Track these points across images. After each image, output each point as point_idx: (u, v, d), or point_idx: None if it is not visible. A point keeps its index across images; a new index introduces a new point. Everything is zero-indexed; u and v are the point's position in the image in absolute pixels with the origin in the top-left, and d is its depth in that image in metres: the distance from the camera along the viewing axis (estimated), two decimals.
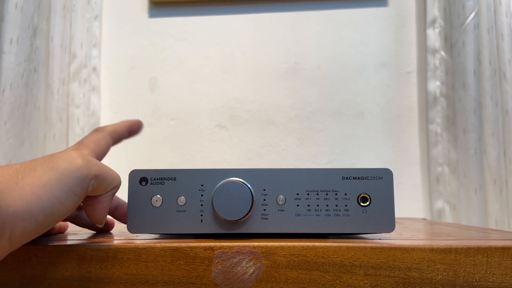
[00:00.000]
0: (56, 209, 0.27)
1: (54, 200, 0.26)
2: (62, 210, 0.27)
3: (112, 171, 0.33)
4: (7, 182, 0.25)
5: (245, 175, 0.35)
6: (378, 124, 0.93)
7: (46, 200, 0.26)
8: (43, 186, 0.26)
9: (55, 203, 0.27)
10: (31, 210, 0.26)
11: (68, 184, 0.27)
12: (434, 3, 0.89)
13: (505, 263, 0.30)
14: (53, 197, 0.26)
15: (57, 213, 0.27)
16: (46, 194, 0.26)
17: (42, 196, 0.26)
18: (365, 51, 0.95)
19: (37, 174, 0.27)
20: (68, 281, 0.31)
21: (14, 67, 0.82)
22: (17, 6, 0.82)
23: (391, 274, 0.30)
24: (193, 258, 0.31)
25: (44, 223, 0.27)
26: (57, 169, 0.27)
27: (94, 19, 0.95)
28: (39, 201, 0.26)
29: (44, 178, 0.27)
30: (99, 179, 0.30)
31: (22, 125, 0.83)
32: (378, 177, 0.35)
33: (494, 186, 0.79)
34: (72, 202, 0.28)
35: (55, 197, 0.26)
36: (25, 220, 0.25)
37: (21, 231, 0.26)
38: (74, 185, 0.27)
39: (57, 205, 0.27)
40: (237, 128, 0.95)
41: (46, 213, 0.26)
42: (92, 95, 0.94)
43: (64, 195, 0.27)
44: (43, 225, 0.27)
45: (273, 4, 0.97)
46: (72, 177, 0.27)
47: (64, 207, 0.27)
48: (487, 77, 0.81)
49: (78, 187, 0.28)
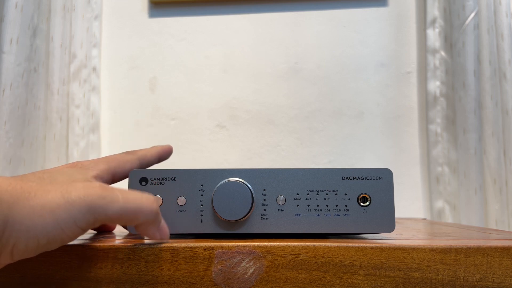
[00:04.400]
0: (59, 236, 0.27)
1: (58, 228, 0.27)
2: (65, 239, 0.28)
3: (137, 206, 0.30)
4: (18, 197, 0.26)
5: (245, 175, 0.35)
6: (378, 124, 0.93)
7: (51, 226, 0.27)
8: (50, 212, 0.27)
9: (59, 231, 0.27)
10: (35, 232, 0.26)
11: (74, 217, 0.27)
12: (434, 3, 0.89)
13: (505, 263, 0.30)
14: (58, 225, 0.27)
15: (59, 240, 0.27)
16: (52, 221, 0.26)
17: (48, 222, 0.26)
18: (365, 51, 0.95)
19: (49, 197, 0.27)
20: (68, 281, 0.31)
21: (14, 67, 0.82)
22: (17, 6, 0.82)
23: (391, 274, 0.30)
24: (193, 258, 0.31)
25: (45, 246, 0.27)
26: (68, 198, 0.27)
27: (94, 19, 0.95)
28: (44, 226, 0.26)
29: (53, 204, 0.27)
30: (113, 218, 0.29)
31: (22, 125, 0.83)
32: (378, 177, 0.35)
33: (494, 186, 0.79)
34: (76, 233, 0.28)
35: (59, 225, 0.27)
36: (28, 239, 0.26)
37: (23, 248, 0.26)
38: (79, 219, 0.27)
39: (60, 233, 0.27)
40: (237, 128, 0.95)
41: (49, 238, 0.27)
42: (92, 95, 0.94)
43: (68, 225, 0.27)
44: (44, 247, 0.27)
45: (273, 4, 0.97)
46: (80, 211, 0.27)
47: (67, 236, 0.28)
48: (487, 77, 0.81)
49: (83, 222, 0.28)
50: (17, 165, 0.82)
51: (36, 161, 0.87)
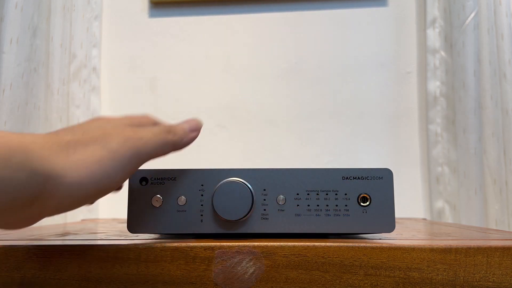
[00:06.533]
0: (108, 184, 0.28)
1: (106, 175, 0.28)
2: (113, 185, 0.29)
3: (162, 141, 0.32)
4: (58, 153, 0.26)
5: (245, 175, 0.35)
6: (378, 124, 0.93)
7: (99, 175, 0.27)
8: (96, 162, 0.27)
9: (107, 179, 0.28)
10: (83, 184, 0.27)
11: (122, 163, 0.28)
12: (434, 3, 0.89)
13: (505, 263, 0.30)
14: (106, 173, 0.28)
15: (109, 187, 0.28)
16: (100, 170, 0.27)
17: (95, 171, 0.27)
18: (365, 51, 0.95)
19: (89, 150, 0.28)
20: (68, 281, 0.31)
21: (14, 67, 0.82)
22: (17, 6, 0.82)
23: (391, 274, 0.30)
24: (193, 258, 0.31)
25: (94, 195, 0.28)
26: (109, 148, 0.28)
27: (94, 19, 0.95)
28: (92, 176, 0.27)
29: (97, 155, 0.28)
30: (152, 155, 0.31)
31: (22, 125, 0.83)
32: (378, 177, 0.35)
33: (494, 186, 0.79)
34: (124, 178, 0.29)
35: (107, 173, 0.28)
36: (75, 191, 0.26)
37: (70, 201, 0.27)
38: (126, 163, 0.29)
39: (108, 181, 0.28)
40: (237, 128, 0.95)
41: (99, 186, 0.27)
42: (92, 95, 0.94)
43: (116, 172, 0.28)
44: (91, 197, 0.28)
45: (273, 4, 0.97)
46: (125, 157, 0.29)
47: (116, 182, 0.29)
48: (487, 77, 0.81)
49: (129, 166, 0.29)
50: None
51: None
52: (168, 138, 0.32)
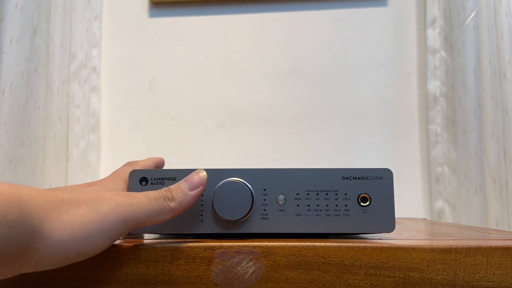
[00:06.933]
0: (89, 250, 0.28)
1: (89, 241, 0.27)
2: (94, 251, 0.28)
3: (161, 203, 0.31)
4: (50, 211, 0.26)
5: (245, 175, 0.35)
6: (378, 124, 0.93)
7: (82, 240, 0.27)
8: (82, 225, 0.27)
9: (90, 245, 0.27)
10: (65, 247, 0.26)
11: (107, 229, 0.28)
12: (434, 3, 0.89)
13: (505, 263, 0.30)
14: (90, 238, 0.27)
15: (90, 253, 0.28)
16: (84, 235, 0.27)
17: (79, 236, 0.27)
18: (365, 51, 0.95)
19: (81, 211, 0.27)
20: (68, 281, 0.31)
21: (14, 67, 0.82)
22: (17, 6, 0.82)
23: (391, 274, 0.30)
24: (193, 258, 0.31)
25: (74, 259, 0.27)
26: (100, 211, 0.28)
27: (94, 19, 0.95)
28: (75, 240, 0.27)
29: (85, 218, 0.27)
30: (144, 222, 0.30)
31: (22, 125, 0.83)
32: (378, 177, 0.35)
33: (494, 186, 0.79)
34: (106, 245, 0.29)
35: (91, 239, 0.27)
36: (57, 254, 0.26)
37: (50, 262, 0.27)
38: (112, 231, 0.28)
39: (90, 247, 0.27)
40: (237, 128, 0.95)
41: (79, 251, 0.27)
42: (92, 95, 0.94)
43: (101, 238, 0.28)
44: (71, 260, 0.27)
45: (273, 4, 0.97)
46: (113, 224, 0.28)
47: (96, 248, 0.28)
48: (487, 77, 0.81)
49: (115, 233, 0.28)
50: (17, 165, 0.82)
51: (36, 161, 0.86)
52: (164, 204, 0.30)
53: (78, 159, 0.90)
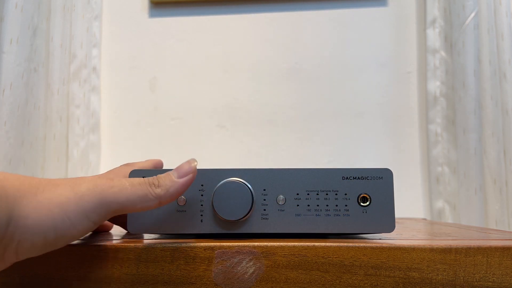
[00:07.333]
0: (68, 231, 0.26)
1: (67, 221, 0.26)
2: (74, 233, 0.27)
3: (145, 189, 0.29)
4: (25, 192, 0.25)
5: (245, 175, 0.35)
6: (378, 124, 0.93)
7: (59, 220, 0.26)
8: (59, 204, 0.26)
9: (68, 225, 0.26)
10: (42, 227, 0.25)
11: (85, 210, 0.27)
12: (434, 3, 0.89)
13: (505, 263, 0.30)
14: (67, 218, 0.26)
15: (69, 235, 0.27)
16: (60, 214, 0.26)
17: (56, 215, 0.26)
18: (365, 51, 0.95)
19: (58, 191, 0.26)
20: (68, 281, 0.31)
21: (14, 67, 0.82)
22: (17, 6, 0.82)
23: (391, 274, 0.30)
24: (193, 258, 0.31)
25: (53, 242, 0.26)
26: (77, 191, 0.27)
27: (94, 19, 0.95)
28: (52, 219, 0.26)
29: (62, 197, 0.26)
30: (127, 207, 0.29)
31: (22, 125, 0.83)
32: (378, 177, 0.35)
33: (494, 186, 0.79)
34: (86, 227, 0.27)
35: (69, 218, 0.26)
36: (34, 235, 0.25)
37: (29, 245, 0.25)
38: (90, 211, 0.27)
39: (69, 227, 0.26)
40: (237, 128, 0.95)
41: (57, 233, 0.26)
42: (92, 95, 0.94)
43: (79, 219, 0.27)
44: (52, 244, 0.26)
45: (273, 4, 0.97)
46: (90, 203, 0.27)
47: (77, 230, 0.27)
48: (487, 77, 0.81)
49: (94, 214, 0.27)
50: (17, 165, 0.82)
51: (36, 161, 0.86)
52: (149, 190, 0.29)
53: (78, 159, 0.90)
